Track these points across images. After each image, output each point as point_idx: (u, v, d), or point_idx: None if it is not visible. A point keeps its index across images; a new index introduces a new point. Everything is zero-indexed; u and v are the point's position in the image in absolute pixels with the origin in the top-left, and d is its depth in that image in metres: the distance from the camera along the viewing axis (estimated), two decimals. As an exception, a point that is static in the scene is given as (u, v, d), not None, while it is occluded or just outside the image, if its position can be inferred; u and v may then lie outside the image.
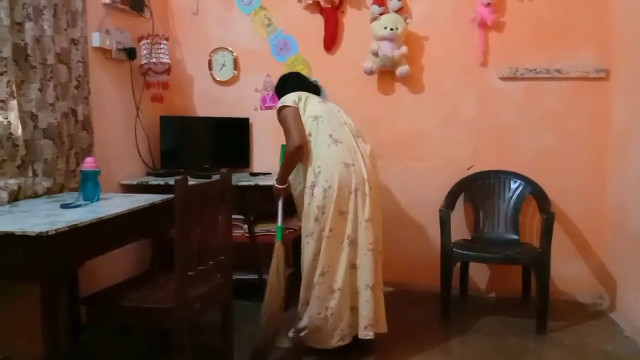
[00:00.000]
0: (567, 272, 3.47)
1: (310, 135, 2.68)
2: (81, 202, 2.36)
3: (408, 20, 3.52)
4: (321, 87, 3.03)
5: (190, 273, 2.11)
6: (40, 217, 2.04)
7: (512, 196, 3.43)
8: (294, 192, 2.87)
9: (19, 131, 2.45)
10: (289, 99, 2.75)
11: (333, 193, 2.58)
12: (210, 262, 2.26)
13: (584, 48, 3.43)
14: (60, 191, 2.67)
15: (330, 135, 2.68)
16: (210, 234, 2.27)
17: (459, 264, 3.38)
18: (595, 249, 3.48)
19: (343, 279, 2.60)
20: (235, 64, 3.82)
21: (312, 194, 2.62)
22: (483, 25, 3.47)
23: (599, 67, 3.39)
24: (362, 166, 2.67)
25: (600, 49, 3.40)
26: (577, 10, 3.41)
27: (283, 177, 2.78)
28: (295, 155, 2.66)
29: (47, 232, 1.82)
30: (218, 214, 2.33)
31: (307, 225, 2.65)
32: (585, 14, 3.41)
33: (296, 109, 2.72)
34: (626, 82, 3.18)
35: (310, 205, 2.63)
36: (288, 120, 2.69)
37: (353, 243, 2.62)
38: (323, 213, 2.60)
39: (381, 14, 3.52)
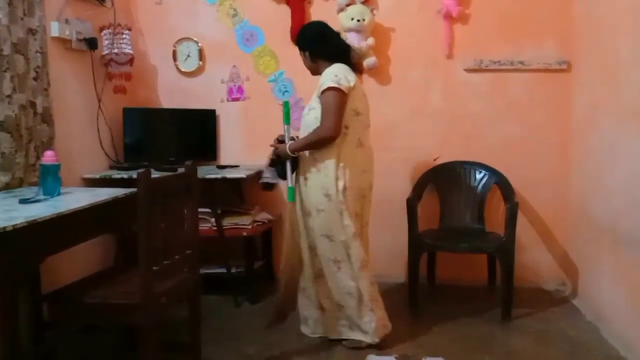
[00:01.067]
0: (531, 260, 3.55)
1: (346, 128, 2.61)
2: (41, 196, 2.29)
3: (375, 12, 3.52)
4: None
5: (155, 268, 2.07)
6: (-2, 213, 1.98)
7: (477, 186, 3.48)
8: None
9: (-26, 124, 2.36)
10: (343, 80, 2.57)
11: (349, 195, 2.62)
12: (176, 257, 2.22)
13: (546, 40, 3.49)
14: (19, 186, 2.58)
15: (359, 138, 2.67)
16: (176, 228, 2.24)
17: (426, 253, 3.42)
18: (558, 237, 3.57)
19: None
20: (201, 55, 3.76)
21: (337, 187, 2.60)
22: (448, 17, 3.50)
23: (561, 59, 3.46)
24: (372, 172, 2.77)
25: (562, 41, 3.47)
26: (540, 3, 3.48)
27: (299, 150, 2.67)
28: (326, 143, 2.59)
29: (4, 228, 1.76)
30: (184, 208, 2.29)
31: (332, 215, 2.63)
32: (548, 7, 3.47)
33: (346, 96, 2.57)
34: (587, 74, 3.25)
35: (339, 197, 2.61)
36: (333, 105, 2.54)
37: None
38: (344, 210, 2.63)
39: (348, 5, 3.50)
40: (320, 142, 2.59)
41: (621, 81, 2.74)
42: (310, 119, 2.67)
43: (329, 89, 2.55)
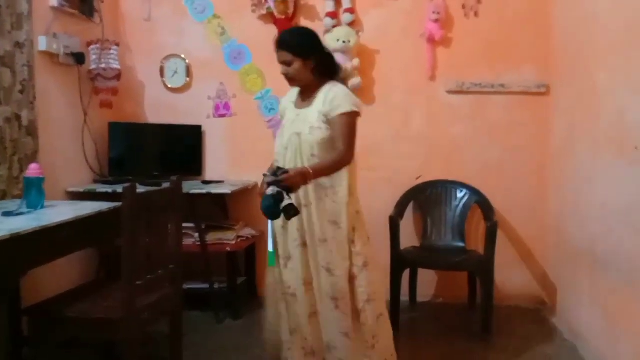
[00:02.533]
0: (510, 278, 3.60)
1: None
2: (24, 209, 2.29)
3: (360, 34, 3.60)
4: None
5: (138, 282, 2.08)
6: (-20, 226, 1.97)
7: (458, 205, 3.54)
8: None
9: (-42, 136, 2.36)
10: (359, 102, 2.45)
11: (361, 219, 2.48)
12: (159, 272, 2.23)
13: (526, 64, 3.59)
14: (3, 198, 2.58)
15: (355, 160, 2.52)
16: (160, 243, 2.25)
17: (408, 271, 3.46)
18: (537, 256, 3.63)
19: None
20: (188, 72, 3.79)
21: (348, 214, 2.39)
22: (432, 40, 3.58)
23: (540, 82, 3.56)
24: None
25: (541, 65, 3.57)
26: (521, 28, 3.58)
27: (320, 176, 2.31)
28: (342, 168, 2.37)
29: (-13, 240, 1.76)
30: (168, 222, 2.31)
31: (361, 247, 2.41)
32: (528, 32, 3.57)
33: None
34: (565, 97, 3.34)
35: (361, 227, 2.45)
36: (354, 130, 2.40)
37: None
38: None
39: (334, 26, 3.58)
40: (338, 169, 2.36)
41: (597, 106, 2.82)
42: (313, 139, 2.35)
43: (352, 112, 2.37)
